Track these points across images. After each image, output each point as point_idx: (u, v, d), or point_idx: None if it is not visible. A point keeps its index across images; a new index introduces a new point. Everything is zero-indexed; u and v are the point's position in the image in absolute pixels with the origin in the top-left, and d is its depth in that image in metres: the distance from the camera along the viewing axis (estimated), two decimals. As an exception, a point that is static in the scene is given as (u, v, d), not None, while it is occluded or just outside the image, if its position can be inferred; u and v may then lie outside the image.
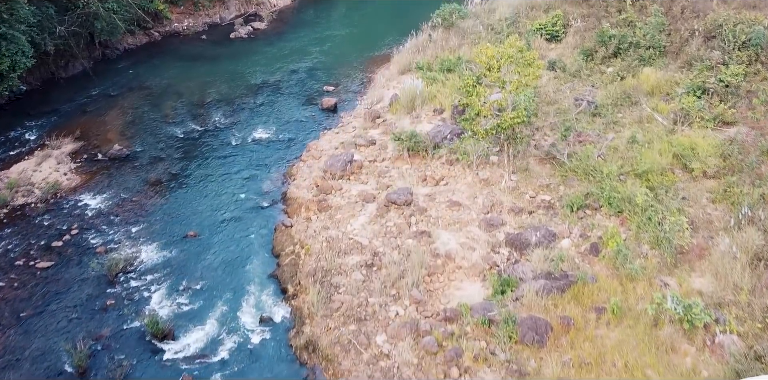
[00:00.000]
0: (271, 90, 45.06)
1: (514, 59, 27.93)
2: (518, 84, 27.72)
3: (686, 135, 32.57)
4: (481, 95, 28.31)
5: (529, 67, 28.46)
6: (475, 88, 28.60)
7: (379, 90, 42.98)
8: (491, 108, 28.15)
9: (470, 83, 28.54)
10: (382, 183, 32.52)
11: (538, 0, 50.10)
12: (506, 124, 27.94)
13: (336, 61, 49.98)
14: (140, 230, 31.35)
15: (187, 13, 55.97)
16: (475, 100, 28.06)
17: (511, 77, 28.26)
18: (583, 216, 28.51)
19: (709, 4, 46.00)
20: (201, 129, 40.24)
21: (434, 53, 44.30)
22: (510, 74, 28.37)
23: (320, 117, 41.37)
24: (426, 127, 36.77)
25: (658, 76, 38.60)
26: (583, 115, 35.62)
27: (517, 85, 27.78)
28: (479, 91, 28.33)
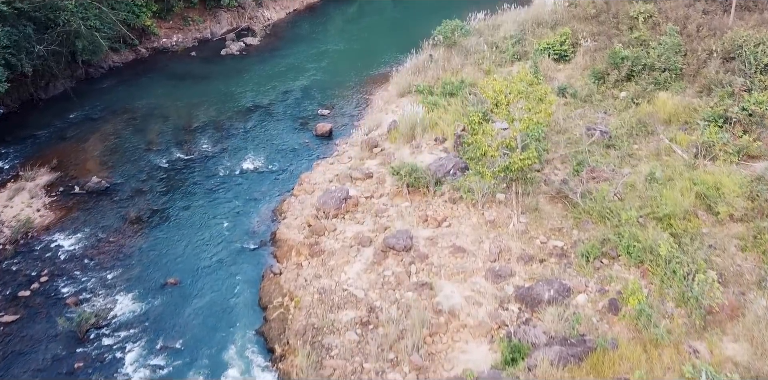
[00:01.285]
0: (263, 113, 42.52)
1: (524, 94, 25.35)
2: (529, 122, 25.14)
3: (709, 171, 29.98)
4: (488, 133, 25.74)
5: (541, 103, 25.84)
6: (480, 125, 26.02)
7: (377, 114, 40.46)
8: (499, 148, 25.57)
9: (476, 120, 25.99)
10: (379, 223, 29.97)
11: (544, 16, 47.66)
12: (515, 166, 25.38)
13: (332, 80, 47.45)
14: (116, 276, 28.80)
15: (176, 28, 53.43)
16: (481, 140, 25.50)
17: (520, 114, 25.66)
18: (600, 267, 25.94)
19: (725, 21, 43.63)
20: (187, 157, 37.69)
21: (435, 74, 41.76)
22: (519, 110, 25.76)
23: (314, 144, 38.84)
24: (427, 158, 34.25)
25: (675, 102, 36.10)
26: (595, 146, 33.08)
27: (528, 124, 25.20)
28: (486, 129, 25.76)
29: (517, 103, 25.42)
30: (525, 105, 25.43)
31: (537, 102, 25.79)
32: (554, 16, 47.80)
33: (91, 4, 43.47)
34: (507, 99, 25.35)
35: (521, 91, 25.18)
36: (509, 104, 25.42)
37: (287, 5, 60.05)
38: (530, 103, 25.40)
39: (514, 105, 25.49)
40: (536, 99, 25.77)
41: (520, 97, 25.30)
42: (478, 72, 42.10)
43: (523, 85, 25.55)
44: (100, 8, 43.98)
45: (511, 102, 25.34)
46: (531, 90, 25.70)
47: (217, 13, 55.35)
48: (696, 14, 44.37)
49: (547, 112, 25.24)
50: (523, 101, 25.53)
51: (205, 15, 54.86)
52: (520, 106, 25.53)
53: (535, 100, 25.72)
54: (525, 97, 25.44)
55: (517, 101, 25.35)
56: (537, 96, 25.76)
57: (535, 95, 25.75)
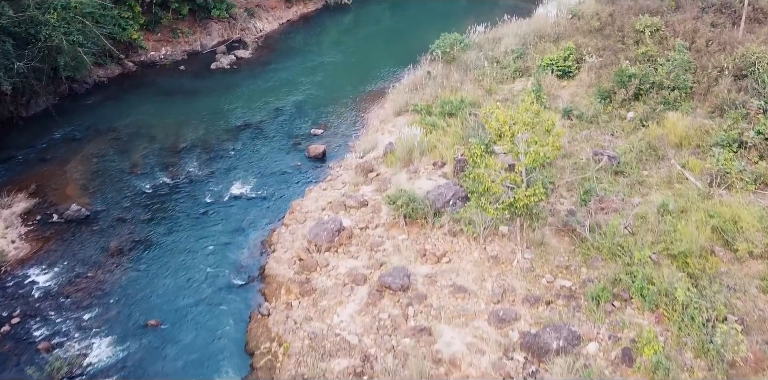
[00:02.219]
0: (253, 133, 40.65)
1: (529, 125, 23.51)
2: (535, 156, 23.30)
3: (725, 202, 28.21)
4: (491, 166, 23.89)
5: (548, 134, 24.00)
6: (482, 157, 24.17)
7: (373, 134, 38.63)
8: (503, 184, 23.73)
9: (477, 152, 24.13)
10: (374, 258, 28.13)
11: (546, 29, 45.86)
12: (521, 203, 23.53)
13: (326, 95, 45.61)
14: (93, 317, 26.92)
15: (164, 41, 51.51)
16: (484, 174, 23.64)
17: (526, 147, 23.80)
18: (612, 311, 24.10)
19: (735, 35, 41.94)
20: (172, 182, 35.81)
21: (433, 92, 39.91)
22: (524, 140, 23.91)
23: (307, 167, 36.97)
24: (425, 184, 32.44)
25: (686, 124, 34.33)
26: (603, 172, 31.32)
27: (534, 157, 23.36)
28: (488, 162, 23.91)
29: (522, 134, 23.54)
30: (531, 137, 23.56)
31: (544, 133, 23.94)
32: (557, 29, 46.04)
33: (74, 18, 41.57)
34: (511, 130, 23.49)
35: (527, 122, 23.31)
36: (514, 136, 23.55)
37: (280, 16, 58.18)
38: (536, 135, 23.54)
39: (519, 136, 23.60)
40: (543, 130, 23.92)
41: (526, 129, 23.43)
42: (479, 89, 40.33)
43: (528, 116, 23.68)
44: (83, 22, 42.07)
45: (515, 133, 23.47)
46: (537, 120, 23.83)
47: (208, 25, 53.48)
48: (704, 27, 42.69)
49: (555, 145, 23.39)
50: (529, 133, 23.64)
51: (194, 27, 52.94)
52: (525, 137, 23.65)
53: (542, 132, 23.86)
54: (531, 128, 23.58)
55: (523, 133, 23.47)
56: (544, 127, 23.93)
57: (541, 126, 23.90)
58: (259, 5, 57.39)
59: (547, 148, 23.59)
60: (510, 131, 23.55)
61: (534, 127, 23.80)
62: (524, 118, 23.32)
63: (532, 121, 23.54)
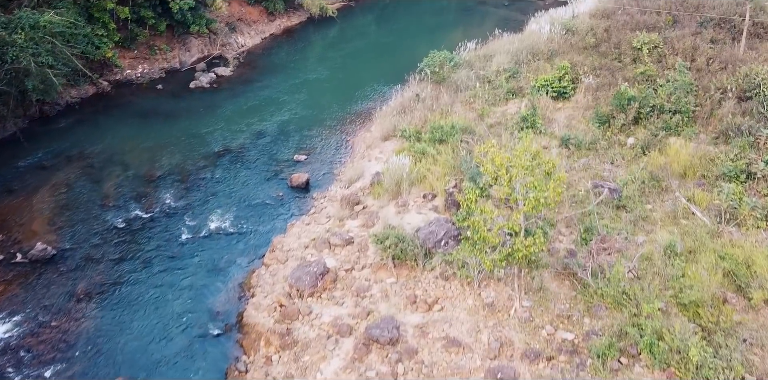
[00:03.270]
0: (233, 159, 38.54)
1: (528, 169, 21.55)
2: (535, 203, 21.34)
3: (737, 243, 26.39)
4: (487, 213, 21.90)
5: (548, 178, 22.06)
6: (477, 203, 22.18)
7: (359, 161, 36.61)
8: (500, 233, 21.75)
9: (472, 198, 22.14)
10: (360, 306, 26.10)
11: (539, 45, 43.97)
12: (520, 254, 21.56)
13: (310, 116, 43.57)
14: (56, 374, 24.79)
15: (141, 58, 49.26)
16: (479, 223, 21.67)
17: (524, 192, 21.85)
18: (619, 369, 22.15)
19: (736, 52, 40.25)
20: (146, 215, 33.68)
21: (422, 116, 37.90)
22: (523, 185, 21.95)
23: (289, 198, 34.92)
24: (415, 219, 30.48)
25: (689, 151, 32.57)
26: (604, 207, 29.41)
27: (534, 205, 21.40)
28: (484, 209, 21.92)
29: (521, 178, 21.59)
30: (530, 181, 21.60)
31: (544, 176, 22.00)
32: (550, 45, 44.18)
33: (42, 38, 39.31)
34: (509, 174, 21.52)
35: (526, 166, 21.35)
36: (512, 180, 21.59)
37: (263, 30, 56.03)
38: (536, 180, 21.58)
39: (517, 181, 21.64)
40: (543, 173, 21.97)
41: (525, 173, 21.48)
42: (470, 112, 38.41)
43: (526, 158, 21.72)
44: (53, 43, 39.80)
45: (513, 178, 21.51)
46: (536, 163, 21.88)
47: (187, 41, 51.25)
48: (704, 44, 41.03)
49: (556, 191, 21.43)
50: (528, 177, 21.69)
51: (173, 43, 50.72)
52: (523, 182, 21.70)
53: (542, 175, 21.91)
54: (530, 171, 21.62)
55: (522, 177, 21.52)
56: (544, 170, 21.98)
57: (541, 169, 21.96)
58: (240, 19, 55.24)
59: (547, 194, 21.63)
60: (507, 175, 21.58)
61: (533, 169, 21.84)
62: (522, 161, 21.33)
63: (531, 165, 21.56)
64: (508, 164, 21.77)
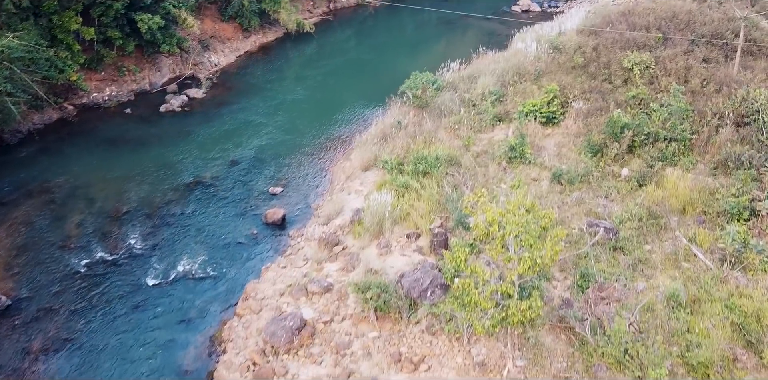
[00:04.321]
0: (205, 191, 36.32)
1: (523, 226, 19.56)
2: (530, 263, 19.36)
3: (744, 291, 24.59)
4: (478, 273, 19.91)
5: (545, 233, 20.10)
6: (467, 263, 20.20)
7: (338, 195, 34.54)
8: (493, 295, 19.76)
9: (461, 257, 20.16)
10: (341, 365, 24.04)
11: (526, 65, 42.06)
12: (515, 320, 19.57)
13: (287, 142, 41.45)
14: (6, 449, 22.46)
15: (109, 80, 46.86)
16: (470, 285, 19.68)
17: (518, 249, 19.89)
18: (624, 442, 20.21)
19: (730, 72, 38.59)
20: (111, 258, 31.44)
21: (404, 144, 35.86)
22: (517, 242, 19.99)
23: (264, 236, 32.78)
24: (398, 262, 28.50)
25: (688, 184, 30.83)
26: (600, 248, 27.53)
27: (529, 265, 19.42)
28: (475, 269, 19.92)
29: (515, 235, 19.62)
30: (524, 238, 19.62)
31: (540, 232, 20.03)
32: (537, 64, 42.25)
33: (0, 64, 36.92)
34: (502, 232, 19.53)
35: (520, 223, 19.37)
36: (505, 238, 19.60)
37: (237, 47, 53.76)
38: (531, 238, 19.60)
39: (511, 239, 19.66)
40: (539, 229, 20.00)
41: (520, 231, 19.49)
42: (454, 139, 36.47)
43: (521, 213, 19.75)
44: (11, 69, 37.40)
45: (506, 236, 19.52)
46: (531, 218, 19.90)
47: (157, 60, 48.91)
48: (697, 64, 39.25)
49: (554, 250, 19.47)
50: (522, 233, 19.71)
51: (142, 63, 48.33)
52: (520, 239, 19.74)
53: (538, 231, 19.94)
54: (524, 227, 19.63)
55: (516, 235, 19.55)
56: (540, 225, 20.01)
57: (537, 224, 19.99)
58: (214, 36, 52.97)
59: (543, 252, 19.66)
60: (500, 232, 19.60)
61: (528, 225, 19.85)
62: (517, 218, 19.34)
63: (526, 221, 19.58)
64: (501, 219, 19.76)
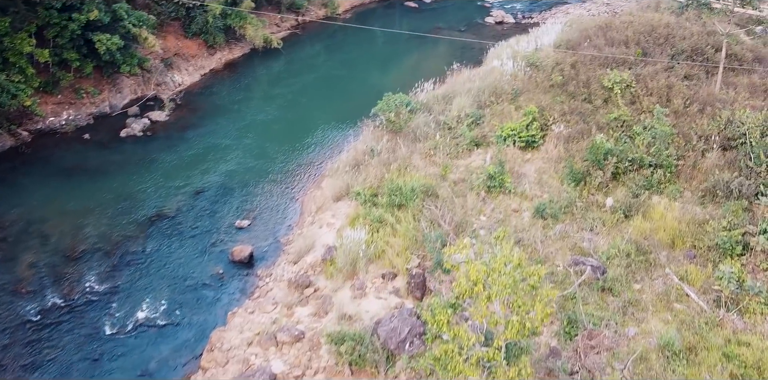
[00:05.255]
0: (168, 227, 34.25)
1: (511, 288, 17.83)
2: (519, 327, 17.66)
3: (742, 337, 23.12)
4: (461, 337, 18.15)
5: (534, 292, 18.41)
6: (449, 325, 18.43)
7: (309, 229, 32.72)
8: (479, 363, 18.01)
9: (443, 320, 18.38)
10: (314, 428, 22.16)
11: (503, 84, 40.48)
12: (502, 389, 17.86)
13: (255, 169, 39.49)
14: None
15: (66, 103, 44.50)
16: (453, 351, 17.92)
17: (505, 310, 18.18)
18: None
19: (712, 89, 37.44)
20: (65, 303, 29.33)
21: (378, 172, 34.05)
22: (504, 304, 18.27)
23: (230, 276, 30.84)
24: (373, 306, 26.84)
25: (676, 215, 29.43)
26: (588, 288, 25.98)
27: (517, 329, 17.71)
28: (458, 333, 18.16)
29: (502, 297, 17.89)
30: (513, 300, 17.92)
31: (529, 291, 18.33)
32: (514, 83, 40.68)
33: (-56, 93, 34.57)
34: (488, 293, 17.80)
35: (507, 284, 17.65)
36: (491, 299, 17.87)
37: (202, 65, 51.56)
38: (519, 299, 17.89)
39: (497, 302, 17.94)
40: (528, 287, 18.30)
41: (507, 292, 17.76)
42: (431, 165, 34.74)
43: (508, 271, 18.03)
44: (-44, 97, 35.10)
45: (493, 297, 17.79)
46: (519, 276, 18.19)
47: (117, 81, 46.60)
48: (678, 82, 37.99)
49: (545, 312, 17.78)
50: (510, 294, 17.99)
51: (102, 84, 45.99)
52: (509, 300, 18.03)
53: (526, 291, 18.24)
54: (512, 288, 17.90)
55: (504, 296, 17.83)
56: (529, 283, 18.31)
57: (526, 282, 18.29)
58: (177, 54, 50.77)
59: (533, 314, 17.98)
60: (486, 293, 17.87)
61: (516, 284, 18.13)
62: (504, 279, 17.62)
63: (513, 281, 17.87)
64: (486, 278, 18.03)
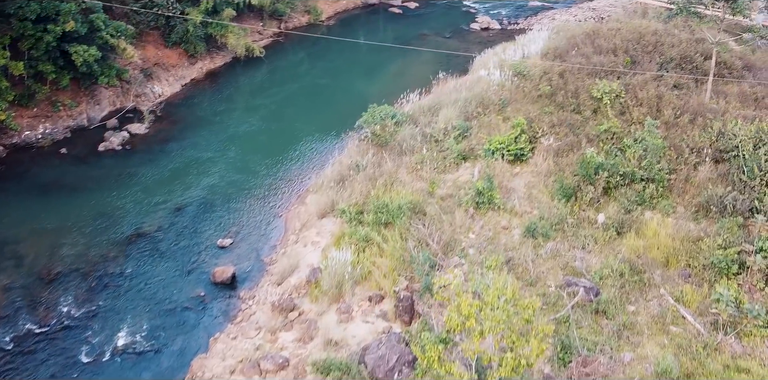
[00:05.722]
0: (148, 246, 33.20)
1: (505, 322, 16.99)
2: (513, 364, 16.83)
3: (741, 363, 22.37)
4: (454, 376, 17.32)
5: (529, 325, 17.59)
6: (440, 361, 17.58)
7: (293, 248, 31.81)
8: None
9: (433, 356, 17.53)
10: None
11: (490, 94, 39.68)
12: (496, 430, 17.03)
13: (238, 184, 38.51)
14: None
15: (42, 116, 43.28)
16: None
17: (499, 345, 17.34)
18: None
19: (702, 99, 36.90)
20: (40, 330, 28.25)
21: (363, 189, 33.15)
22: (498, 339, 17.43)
23: (212, 298, 29.85)
24: (360, 331, 26.00)
25: (669, 231, 28.70)
26: (581, 311, 25.19)
27: (512, 366, 16.88)
28: (450, 370, 17.33)
29: (496, 333, 17.06)
30: (506, 335, 17.09)
31: (524, 324, 17.50)
32: (501, 93, 39.89)
33: None
34: (480, 328, 16.96)
35: (501, 319, 16.81)
36: (484, 335, 17.04)
37: (182, 75, 50.42)
38: (513, 334, 17.06)
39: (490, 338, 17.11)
40: (522, 321, 17.47)
41: (501, 328, 16.93)
42: (417, 180, 33.87)
43: (501, 305, 17.20)
44: (-74, 114, 33.87)
45: (486, 333, 16.95)
46: (513, 309, 17.36)
47: (96, 92, 45.41)
48: (668, 92, 37.33)
49: (540, 348, 16.95)
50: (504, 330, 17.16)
51: (79, 96, 44.77)
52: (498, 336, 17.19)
53: (521, 324, 17.41)
54: (506, 324, 17.07)
55: (498, 332, 16.99)
56: (524, 317, 17.48)
57: (519, 317, 17.46)
58: (157, 63, 49.61)
59: (528, 349, 17.15)
60: (479, 329, 17.02)
61: (509, 318, 17.30)
62: (497, 314, 16.79)
63: (507, 315, 17.04)
64: (478, 312, 17.19)
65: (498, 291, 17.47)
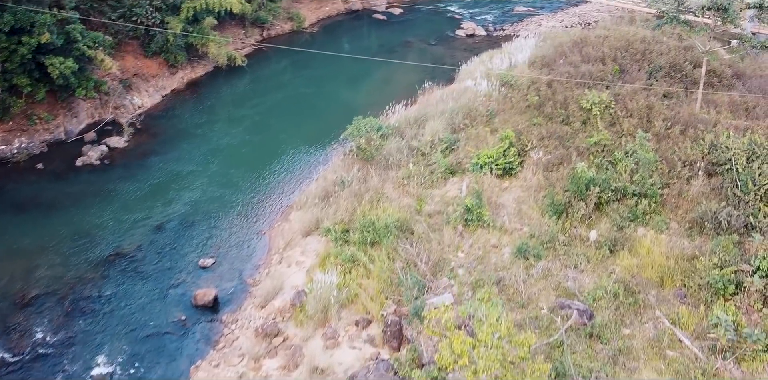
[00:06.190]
0: (127, 267, 32.16)
1: (500, 361, 16.16)
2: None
3: (741, 389, 21.63)
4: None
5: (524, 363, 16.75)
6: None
7: (276, 268, 30.88)
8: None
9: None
10: None
11: (477, 105, 38.91)
12: None
13: (220, 200, 37.50)
14: None
15: (18, 130, 42.10)
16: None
17: None
18: None
19: (692, 108, 36.26)
20: (13, 359, 27.18)
21: (349, 205, 32.27)
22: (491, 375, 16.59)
23: (193, 322, 28.84)
24: (347, 357, 25.11)
25: (663, 249, 27.96)
26: (575, 335, 24.37)
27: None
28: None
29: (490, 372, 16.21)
30: (502, 374, 16.24)
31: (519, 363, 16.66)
32: (489, 103, 39.12)
33: None
34: (474, 368, 16.11)
35: (495, 358, 15.98)
36: (477, 374, 16.18)
37: (163, 85, 49.33)
38: (509, 374, 16.23)
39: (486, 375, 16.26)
40: (518, 359, 16.65)
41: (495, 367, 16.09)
42: (404, 196, 33.01)
43: (495, 342, 16.36)
44: None
45: (480, 372, 16.10)
46: (508, 346, 16.53)
47: (73, 104, 44.28)
48: (658, 102, 36.66)
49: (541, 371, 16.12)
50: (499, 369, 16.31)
51: (56, 109, 43.61)
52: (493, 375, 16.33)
53: (516, 363, 16.58)
54: (500, 361, 16.23)
55: (492, 372, 16.15)
56: (519, 355, 16.66)
57: (515, 354, 16.63)
58: (137, 74, 48.50)
59: None
60: (472, 368, 16.16)
61: (504, 356, 16.45)
62: (491, 353, 15.93)
63: (502, 354, 16.20)
64: (471, 350, 16.33)
65: (492, 327, 16.60)
